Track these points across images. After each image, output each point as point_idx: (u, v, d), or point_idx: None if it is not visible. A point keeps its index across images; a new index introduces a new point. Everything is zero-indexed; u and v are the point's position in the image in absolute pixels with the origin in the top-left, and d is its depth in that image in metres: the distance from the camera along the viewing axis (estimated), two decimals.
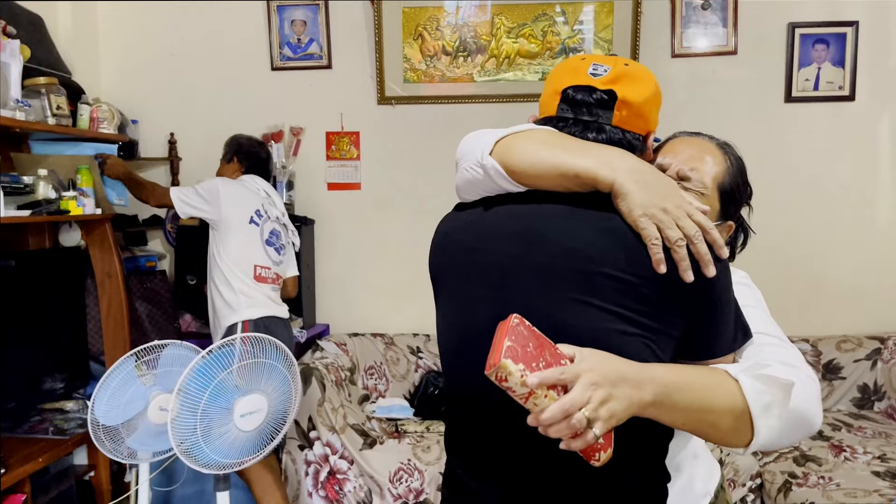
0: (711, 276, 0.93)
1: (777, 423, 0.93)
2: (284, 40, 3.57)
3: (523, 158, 0.99)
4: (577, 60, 1.07)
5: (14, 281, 2.67)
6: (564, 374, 0.86)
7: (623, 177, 0.94)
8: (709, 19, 3.44)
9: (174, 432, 2.02)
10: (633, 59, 1.13)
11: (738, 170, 1.22)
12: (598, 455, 0.88)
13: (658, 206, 0.93)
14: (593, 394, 0.85)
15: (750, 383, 0.93)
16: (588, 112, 1.04)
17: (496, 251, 1.03)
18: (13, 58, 2.45)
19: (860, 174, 3.45)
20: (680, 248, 0.92)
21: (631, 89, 1.03)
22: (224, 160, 3.03)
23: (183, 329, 3.29)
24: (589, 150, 0.98)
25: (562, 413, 0.84)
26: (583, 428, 0.85)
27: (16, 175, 2.57)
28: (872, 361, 3.31)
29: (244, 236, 2.77)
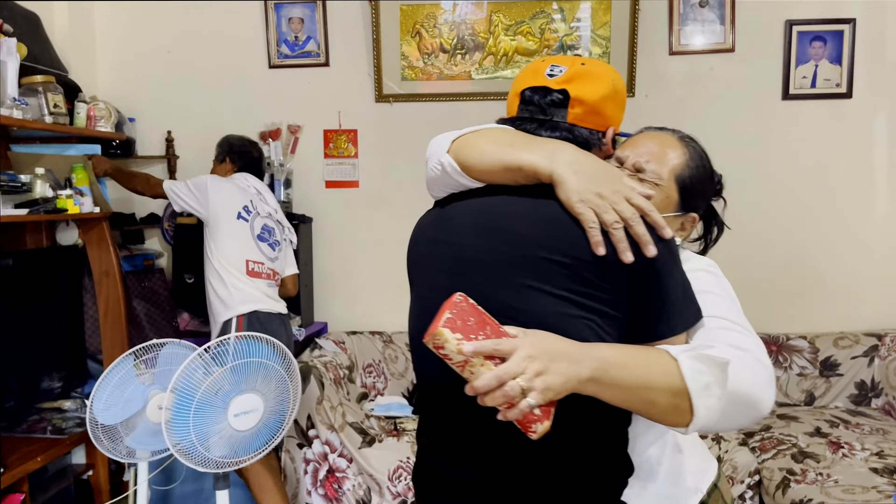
0: (651, 255, 0.97)
1: (716, 402, 0.94)
2: (282, 38, 3.56)
3: (475, 155, 1.06)
4: (539, 62, 1.14)
5: (11, 280, 2.66)
6: (501, 345, 0.90)
7: (561, 167, 0.99)
8: (706, 17, 3.44)
9: (169, 431, 2.02)
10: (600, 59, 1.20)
11: (700, 163, 1.24)
12: (534, 426, 0.90)
13: (593, 191, 0.98)
14: (529, 365, 0.88)
15: (688, 363, 0.94)
16: (543, 111, 1.10)
17: (454, 243, 1.09)
18: (10, 56, 2.44)
19: (857, 171, 3.46)
20: (616, 229, 0.96)
21: (584, 88, 1.09)
22: (216, 161, 3.05)
23: (181, 327, 3.28)
24: (534, 144, 1.04)
25: (496, 381, 0.87)
26: (517, 397, 0.88)
27: (13, 174, 2.57)
28: (870, 358, 3.32)
29: (233, 232, 2.78)
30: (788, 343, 3.36)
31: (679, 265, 1.03)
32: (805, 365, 3.33)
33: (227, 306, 2.72)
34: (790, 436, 2.92)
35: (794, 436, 2.92)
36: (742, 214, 3.44)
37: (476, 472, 1.09)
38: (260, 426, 2.14)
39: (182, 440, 2.03)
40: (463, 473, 1.10)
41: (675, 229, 1.22)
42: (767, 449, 2.85)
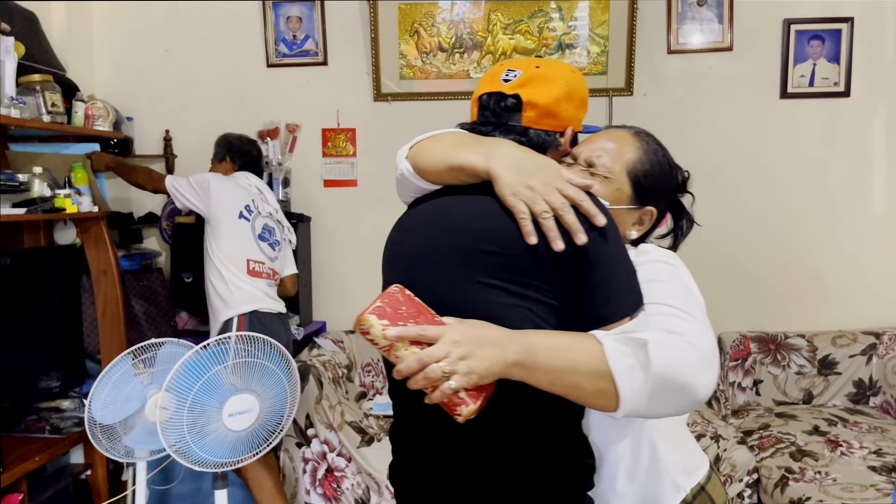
0: (581, 243, 1.00)
1: (641, 385, 0.94)
2: (280, 37, 3.55)
3: (426, 159, 1.12)
4: (497, 67, 1.18)
5: (9, 279, 2.66)
6: (427, 330, 0.94)
7: (496, 163, 1.04)
8: (704, 15, 3.44)
9: (164, 430, 2.02)
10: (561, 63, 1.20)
11: (655, 158, 1.25)
12: (459, 409, 0.94)
13: (524, 184, 1.01)
14: (453, 349, 0.93)
15: (612, 345, 0.96)
16: (498, 116, 1.14)
17: (407, 241, 1.16)
18: (7, 55, 2.43)
19: (855, 170, 3.46)
20: (545, 219, 1.00)
21: (537, 91, 1.12)
22: (216, 160, 3.03)
23: (179, 327, 3.27)
24: (476, 145, 1.08)
25: (418, 364, 0.92)
26: (439, 380, 0.92)
27: (10, 173, 2.56)
28: (868, 357, 3.32)
29: (235, 231, 2.77)
30: (787, 341, 3.36)
31: (619, 252, 1.05)
32: (803, 363, 3.34)
33: (228, 305, 2.72)
34: (788, 434, 2.92)
35: (793, 434, 2.92)
36: (740, 213, 3.47)
37: (443, 471, 1.12)
38: (256, 427, 2.13)
39: (178, 440, 2.03)
40: (432, 473, 1.13)
41: (633, 223, 1.25)
42: (766, 447, 2.85)
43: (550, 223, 1.00)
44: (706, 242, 3.58)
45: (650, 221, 1.26)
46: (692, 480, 1.25)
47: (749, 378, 3.35)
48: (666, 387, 0.95)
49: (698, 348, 0.97)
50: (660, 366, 0.94)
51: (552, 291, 1.02)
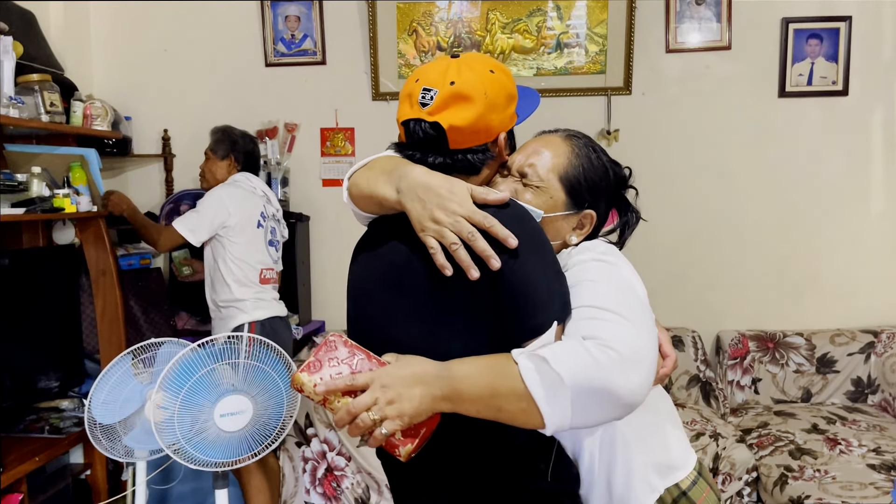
0: (496, 268, 1.00)
1: (562, 400, 0.93)
2: (278, 36, 3.55)
3: (357, 188, 1.13)
4: (413, 84, 1.13)
5: (8, 279, 2.65)
6: (356, 380, 0.98)
7: (405, 197, 1.04)
8: (703, 14, 3.45)
9: (160, 430, 2.02)
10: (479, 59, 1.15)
11: (587, 159, 1.23)
12: (398, 450, 0.99)
13: (429, 217, 1.01)
14: (381, 395, 0.96)
15: (523, 363, 0.96)
16: (424, 143, 1.11)
17: (358, 272, 1.19)
18: (6, 54, 2.43)
19: (853, 168, 3.47)
20: (455, 250, 1.00)
21: (457, 114, 1.09)
22: (216, 156, 2.91)
23: (179, 327, 3.27)
24: (391, 173, 1.08)
25: (348, 416, 0.97)
26: (371, 427, 0.96)
27: (9, 173, 2.56)
28: (866, 355, 3.33)
29: (251, 241, 2.74)
30: (785, 340, 3.37)
31: (542, 263, 1.04)
32: (802, 362, 3.34)
33: (241, 311, 2.70)
34: (787, 432, 2.93)
35: (792, 432, 2.93)
36: (738, 211, 3.48)
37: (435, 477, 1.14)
38: (250, 429, 2.12)
39: (172, 439, 2.03)
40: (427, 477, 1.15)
41: (572, 227, 1.22)
42: (765, 446, 2.86)
43: (461, 253, 1.00)
44: (705, 241, 3.60)
45: (591, 224, 1.24)
46: (667, 481, 1.22)
47: (748, 376, 3.36)
48: (586, 397, 0.93)
49: (615, 351, 0.94)
50: (572, 377, 0.93)
51: (480, 312, 1.04)
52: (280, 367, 2.15)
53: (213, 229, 2.70)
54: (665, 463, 1.23)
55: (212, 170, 2.93)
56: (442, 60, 1.14)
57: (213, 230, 2.71)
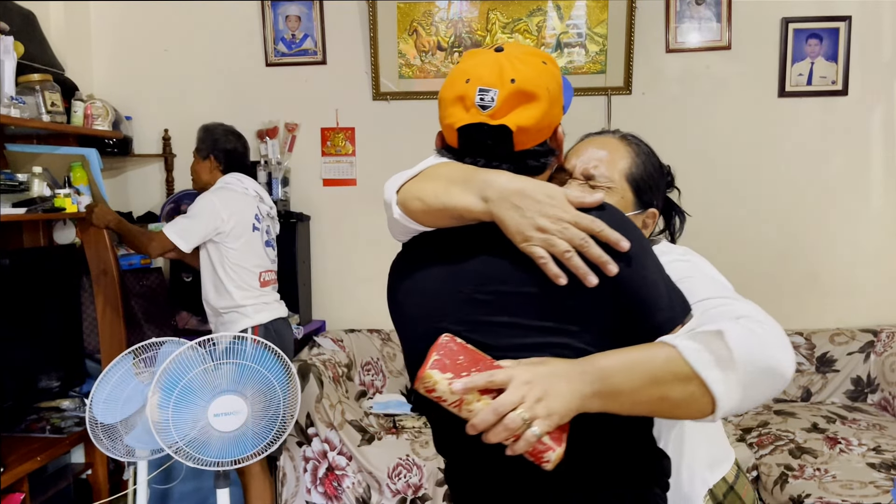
0: (613, 274, 0.94)
1: (733, 375, 0.89)
2: (279, 36, 3.55)
3: (418, 204, 1.01)
4: (461, 84, 1.03)
5: (8, 279, 2.65)
6: (495, 376, 0.87)
7: (496, 206, 0.95)
8: (703, 14, 3.45)
9: (159, 429, 2.03)
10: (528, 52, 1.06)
11: (647, 158, 1.24)
12: (546, 456, 0.87)
13: (532, 226, 0.93)
14: (528, 392, 0.86)
15: (686, 344, 0.90)
16: (487, 150, 1.03)
17: (423, 289, 1.06)
18: (7, 54, 2.44)
19: (853, 168, 3.47)
20: (569, 258, 0.93)
21: (523, 114, 1.01)
22: (198, 156, 2.84)
23: (180, 326, 3.28)
24: (471, 183, 0.98)
25: (494, 415, 0.85)
26: (520, 428, 0.84)
27: (10, 173, 2.56)
28: (866, 354, 3.33)
29: (248, 245, 2.70)
30: None
31: (653, 262, 1.01)
32: (801, 361, 3.35)
33: (244, 315, 2.68)
34: (787, 431, 2.93)
35: (792, 431, 2.93)
36: (738, 211, 3.48)
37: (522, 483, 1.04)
38: (245, 430, 2.11)
39: (170, 437, 2.03)
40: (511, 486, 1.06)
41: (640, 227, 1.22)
42: (765, 445, 2.86)
43: (576, 261, 0.93)
44: (703, 240, 3.58)
45: (654, 223, 1.25)
46: (716, 474, 1.24)
47: None
48: (755, 373, 0.90)
49: (770, 326, 0.94)
50: (742, 352, 0.89)
51: (598, 321, 0.98)
52: (278, 369, 2.13)
53: (204, 235, 2.62)
54: (715, 456, 1.25)
55: (196, 170, 2.86)
56: (486, 55, 1.05)
57: (205, 236, 2.63)
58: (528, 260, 0.95)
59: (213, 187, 2.76)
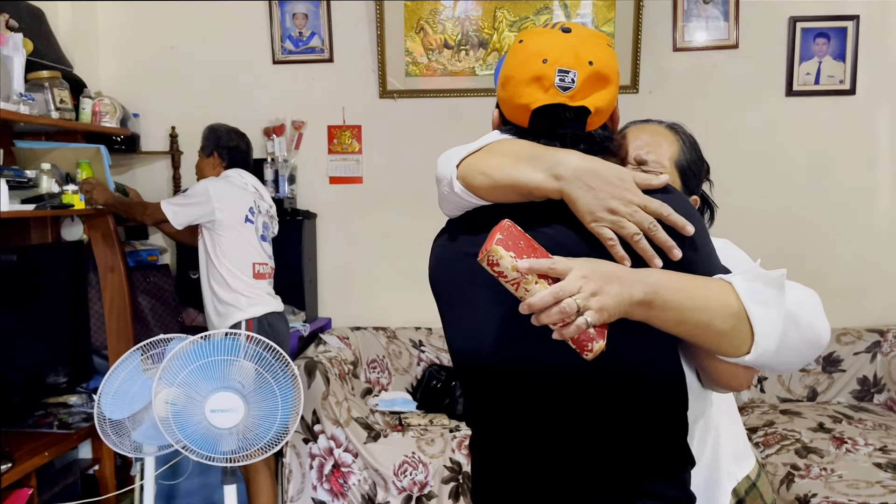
0: (678, 259, 0.96)
1: (777, 321, 0.93)
2: (286, 34, 3.56)
3: (483, 179, 1.02)
4: (537, 63, 1.03)
5: (16, 275, 2.66)
6: (556, 264, 0.90)
7: (568, 185, 0.96)
8: (710, 13, 3.45)
9: (163, 423, 2.04)
10: (594, 34, 1.09)
11: (692, 147, 1.28)
12: (590, 345, 0.90)
13: (605, 207, 0.95)
14: (584, 285, 0.89)
15: (744, 283, 0.95)
16: (562, 128, 1.05)
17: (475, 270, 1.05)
18: (16, 51, 2.44)
19: (860, 168, 3.47)
20: (637, 241, 0.95)
21: (601, 96, 1.04)
22: (203, 154, 2.93)
23: (186, 323, 3.29)
24: (540, 160, 0.99)
25: (552, 297, 0.87)
26: (573, 314, 0.88)
27: (19, 169, 2.57)
28: (872, 354, 3.33)
29: (240, 236, 2.74)
30: None
31: (712, 250, 1.04)
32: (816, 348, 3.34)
33: (237, 308, 2.70)
34: (793, 431, 2.93)
35: (798, 431, 2.93)
36: (745, 210, 3.48)
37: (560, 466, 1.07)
38: (243, 426, 2.11)
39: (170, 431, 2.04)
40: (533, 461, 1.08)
41: None
42: (771, 444, 2.86)
43: (643, 244, 0.95)
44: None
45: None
46: (743, 470, 1.26)
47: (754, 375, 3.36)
48: (796, 327, 0.94)
49: (815, 294, 0.99)
50: (793, 303, 0.93)
51: None
52: (273, 364, 2.13)
53: (193, 217, 2.71)
54: (740, 452, 1.28)
55: (200, 167, 2.94)
56: (556, 35, 1.05)
57: (194, 218, 2.71)
58: (592, 238, 0.97)
59: (213, 177, 2.84)
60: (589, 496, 1.04)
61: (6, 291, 2.60)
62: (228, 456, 2.12)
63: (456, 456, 2.80)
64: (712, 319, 0.93)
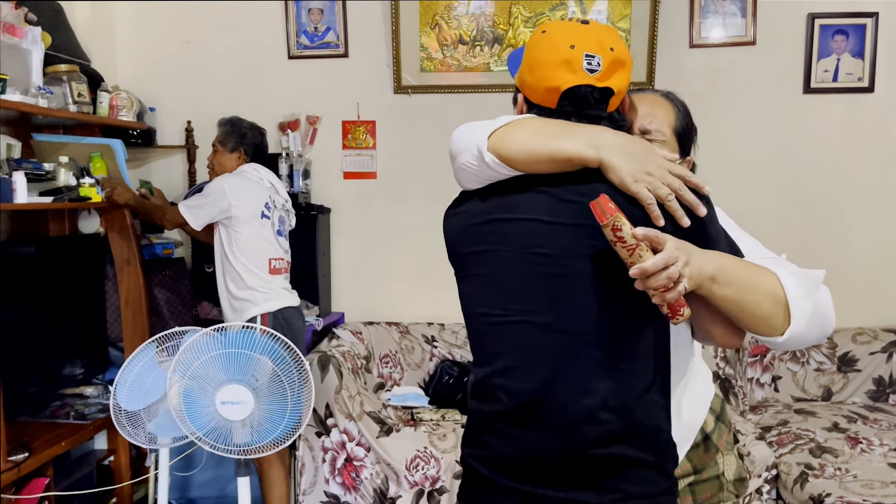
0: (703, 215, 1.10)
1: (808, 307, 1.09)
2: (301, 29, 3.57)
3: (518, 150, 1.12)
4: (565, 49, 1.15)
5: (34, 267, 2.69)
6: (659, 234, 1.02)
7: (607, 153, 1.08)
8: (727, 9, 3.42)
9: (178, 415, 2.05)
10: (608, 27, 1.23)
11: (685, 113, 1.36)
12: (682, 310, 1.02)
13: (643, 170, 1.08)
14: (681, 255, 1.01)
15: (785, 274, 1.11)
16: (589, 108, 1.17)
17: (527, 218, 1.15)
18: (35, 45, 2.47)
19: (878, 166, 3.43)
20: (671, 201, 1.08)
21: (621, 79, 1.17)
22: (224, 148, 2.90)
23: (201, 316, 3.31)
24: (571, 133, 1.11)
25: (663, 263, 0.99)
26: (674, 280, 1.00)
27: (37, 162, 2.59)
28: (888, 354, 3.30)
29: (256, 231, 2.75)
30: None
31: (716, 214, 1.15)
32: (823, 360, 3.32)
33: (253, 303, 2.71)
34: (808, 431, 2.92)
35: (812, 431, 2.91)
36: (761, 208, 3.45)
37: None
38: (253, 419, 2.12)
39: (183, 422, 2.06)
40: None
41: None
42: (785, 444, 2.84)
43: (675, 204, 1.08)
44: None
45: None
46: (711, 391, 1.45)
47: (768, 374, 3.34)
48: (818, 315, 1.11)
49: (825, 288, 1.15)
50: (816, 298, 1.11)
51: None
52: (286, 359, 2.13)
53: (212, 216, 2.72)
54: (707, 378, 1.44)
55: (221, 162, 2.92)
56: (577, 27, 1.18)
57: (213, 217, 2.72)
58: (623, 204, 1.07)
59: (228, 173, 2.84)
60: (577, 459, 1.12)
61: (25, 283, 2.63)
62: (241, 448, 2.14)
63: None
64: (761, 302, 1.08)
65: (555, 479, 1.11)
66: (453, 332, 3.50)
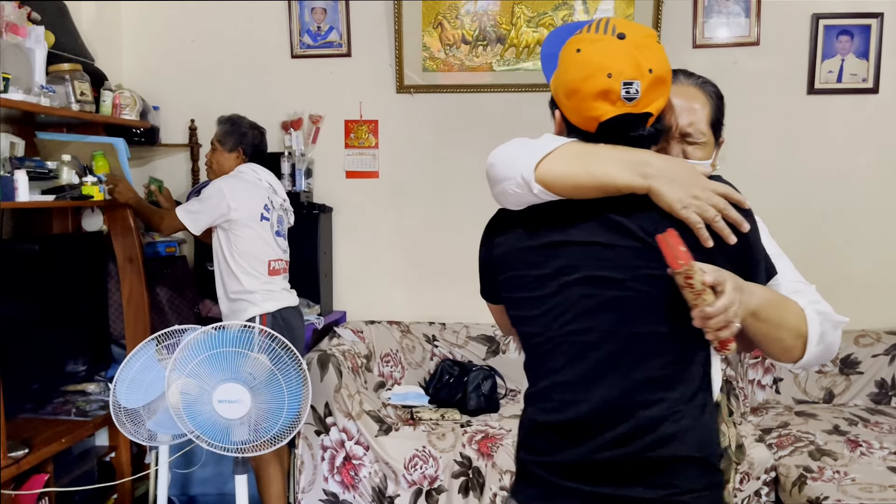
0: (747, 231, 1.14)
1: (822, 349, 1.19)
2: (304, 28, 3.58)
3: (566, 182, 1.14)
4: (603, 79, 1.12)
5: (37, 265, 2.71)
6: (719, 276, 1.06)
7: (656, 182, 1.11)
8: (731, 9, 3.41)
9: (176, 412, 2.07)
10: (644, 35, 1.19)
11: (719, 100, 1.35)
12: (730, 345, 1.09)
13: (690, 195, 1.11)
14: (736, 296, 1.06)
15: (812, 315, 1.18)
16: (629, 131, 1.17)
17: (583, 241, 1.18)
18: (38, 44, 2.48)
19: (882, 167, 3.42)
20: (718, 221, 1.11)
21: (659, 98, 1.16)
22: (224, 148, 2.87)
23: (203, 314, 3.32)
24: (615, 160, 1.13)
25: (724, 308, 1.05)
26: (730, 321, 1.06)
27: (40, 160, 2.61)
28: (891, 357, 3.29)
29: (256, 234, 2.74)
30: None
31: (758, 227, 1.19)
32: (824, 362, 3.31)
33: (252, 304, 2.71)
34: (808, 433, 2.91)
35: (812, 433, 2.90)
36: (765, 209, 3.41)
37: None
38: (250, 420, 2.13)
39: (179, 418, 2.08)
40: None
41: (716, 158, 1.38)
42: (784, 446, 2.84)
43: (722, 224, 1.11)
44: None
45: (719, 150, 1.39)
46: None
47: (769, 376, 3.33)
48: (826, 349, 1.21)
49: (840, 321, 1.22)
50: (831, 337, 1.19)
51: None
52: (283, 360, 2.14)
53: (211, 220, 2.71)
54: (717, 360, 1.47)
55: (219, 161, 2.90)
56: (613, 43, 1.14)
57: (212, 221, 2.72)
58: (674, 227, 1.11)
59: (226, 175, 2.82)
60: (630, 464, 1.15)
61: (28, 280, 2.65)
62: (239, 446, 2.15)
63: (466, 451, 2.81)
64: (785, 337, 1.17)
65: (610, 479, 1.16)
66: (454, 332, 3.51)
